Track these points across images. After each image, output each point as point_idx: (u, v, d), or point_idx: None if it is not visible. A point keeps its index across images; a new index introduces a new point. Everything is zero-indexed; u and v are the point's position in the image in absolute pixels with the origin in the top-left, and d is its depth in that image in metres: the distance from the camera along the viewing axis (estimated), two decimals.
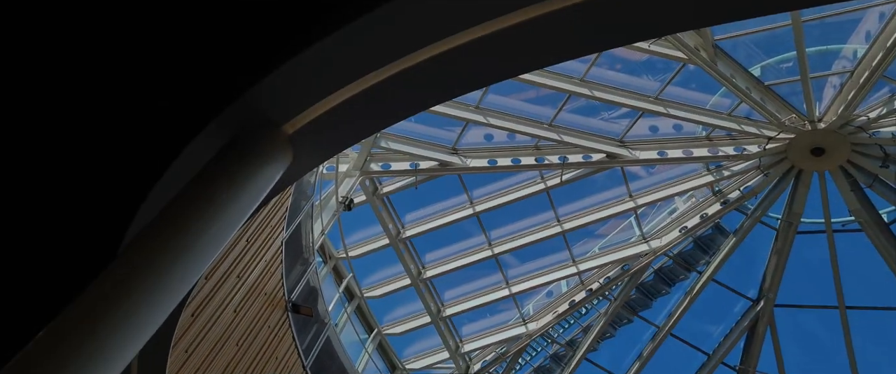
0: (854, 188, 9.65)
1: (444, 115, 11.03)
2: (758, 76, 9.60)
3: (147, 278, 2.57)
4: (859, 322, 10.59)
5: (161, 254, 2.67)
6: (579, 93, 10.63)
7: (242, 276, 7.42)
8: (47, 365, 2.23)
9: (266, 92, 2.98)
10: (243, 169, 3.04)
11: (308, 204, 9.28)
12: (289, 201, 8.47)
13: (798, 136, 9.47)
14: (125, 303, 2.47)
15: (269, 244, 8.03)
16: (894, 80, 8.44)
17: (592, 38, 3.04)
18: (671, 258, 12.08)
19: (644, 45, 9.54)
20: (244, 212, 3.02)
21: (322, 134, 3.27)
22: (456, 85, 3.26)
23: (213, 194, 2.93)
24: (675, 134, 10.93)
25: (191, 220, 2.81)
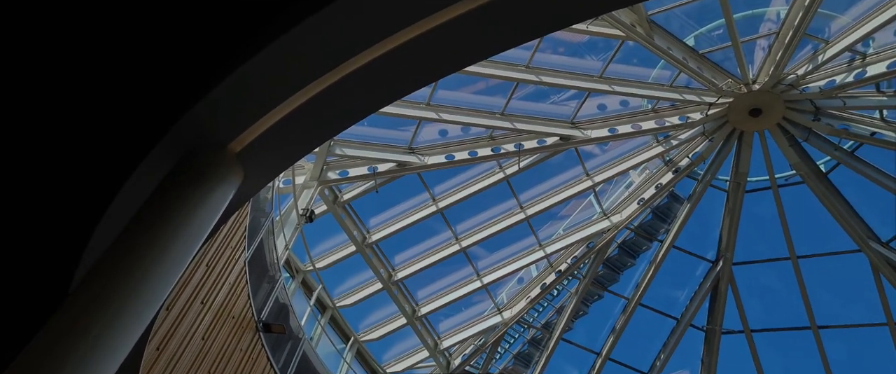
0: (792, 143, 10.13)
1: (396, 115, 11.02)
2: (692, 46, 9.97)
3: (102, 317, 2.46)
4: (810, 270, 11.16)
5: (115, 289, 2.56)
6: (526, 79, 10.79)
7: (207, 301, 7.23)
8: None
9: (206, 112, 2.92)
10: (193, 193, 2.97)
11: (267, 220, 9.11)
12: (247, 219, 8.30)
13: (736, 99, 9.88)
14: (81, 345, 2.35)
15: (231, 266, 7.84)
16: (816, 37, 8.91)
17: (527, 26, 3.08)
18: (632, 231, 12.41)
19: (583, 27, 9.76)
20: (199, 236, 2.94)
21: (271, 149, 3.24)
22: (400, 85, 3.24)
23: (163, 222, 2.84)
24: (623, 110, 11.23)
25: (143, 251, 2.72)
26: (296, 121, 3.13)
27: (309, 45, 2.83)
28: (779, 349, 12.28)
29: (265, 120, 3.10)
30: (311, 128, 3.28)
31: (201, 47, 2.94)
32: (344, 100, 3.16)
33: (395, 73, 3.10)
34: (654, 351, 13.02)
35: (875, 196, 10.51)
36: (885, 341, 10.93)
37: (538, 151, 11.60)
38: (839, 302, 11.65)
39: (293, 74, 2.94)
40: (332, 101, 3.11)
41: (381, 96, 3.30)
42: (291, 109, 3.09)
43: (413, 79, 3.26)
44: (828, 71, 9.15)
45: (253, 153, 3.19)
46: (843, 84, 8.93)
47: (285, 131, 3.17)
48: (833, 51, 8.66)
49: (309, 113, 3.11)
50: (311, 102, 3.06)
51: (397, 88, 3.28)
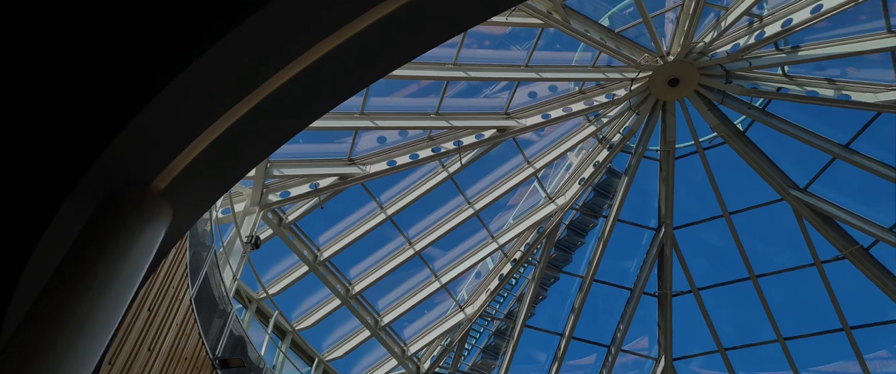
0: (710, 107, 10.78)
1: (331, 129, 10.94)
2: (608, 26, 10.45)
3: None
4: (743, 223, 11.88)
5: (46, 351, 2.39)
6: (456, 77, 10.97)
7: (154, 347, 6.90)
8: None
9: (122, 153, 2.79)
10: (118, 240, 2.83)
11: (210, 253, 8.80)
12: (186, 255, 7.97)
13: (654, 72, 10.43)
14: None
15: (176, 306, 7.51)
16: (716, 5, 9.57)
17: (446, 23, 3.10)
18: (578, 210, 12.82)
19: (502, 19, 10.04)
20: (131, 283, 2.81)
21: (197, 183, 3.13)
22: (326, 98, 3.16)
23: (89, 274, 2.67)
24: (553, 95, 11.61)
25: (71, 307, 2.55)
26: (220, 150, 3.03)
27: (224, 71, 2.72)
28: (725, 302, 12.99)
29: (187, 153, 2.99)
30: (238, 155, 3.18)
31: (110, 88, 2.80)
32: (268, 122, 3.06)
33: (319, 86, 3.04)
34: (614, 323, 13.47)
35: (789, 147, 11.34)
36: (815, 279, 11.78)
37: (478, 145, 11.80)
38: (772, 250, 12.47)
39: (211, 101, 2.84)
40: (256, 124, 3.01)
41: (307, 113, 3.22)
42: (213, 138, 2.98)
43: (338, 89, 3.21)
44: (731, 36, 9.82)
45: (178, 189, 3.08)
46: (747, 46, 9.61)
47: (210, 163, 3.06)
48: (733, 16, 9.30)
49: (232, 140, 3.01)
50: (234, 128, 2.96)
51: (323, 101, 3.20)
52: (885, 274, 11.30)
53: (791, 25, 9.03)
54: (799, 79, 9.98)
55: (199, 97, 2.80)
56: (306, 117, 3.25)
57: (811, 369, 13.40)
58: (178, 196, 3.10)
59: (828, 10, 8.58)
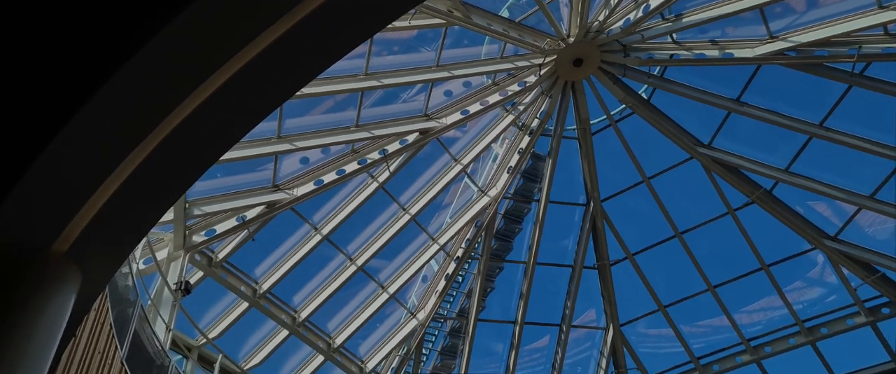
0: (615, 81, 11.44)
1: (249, 158, 10.59)
2: (508, 17, 10.85)
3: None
4: (662, 185, 12.68)
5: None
6: (370, 86, 10.96)
7: None
8: None
9: (13, 218, 2.55)
10: (26, 308, 2.60)
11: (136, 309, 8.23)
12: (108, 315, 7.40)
13: (558, 55, 10.92)
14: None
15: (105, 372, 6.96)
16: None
17: (347, 36, 3.07)
18: (511, 199, 13.14)
19: (405, 23, 10.16)
20: (45, 353, 2.56)
21: (102, 240, 2.89)
22: (229, 129, 2.97)
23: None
24: (468, 91, 11.87)
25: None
26: (122, 202, 2.81)
27: (112, 118, 2.51)
28: (658, 262, 13.75)
29: (86, 210, 2.75)
30: (143, 204, 2.96)
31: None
32: (170, 164, 2.86)
33: (220, 118, 2.87)
34: (561, 301, 13.90)
35: (689, 108, 12.22)
36: (731, 226, 12.75)
37: (403, 151, 11.84)
38: (691, 205, 13.35)
39: (103, 152, 2.61)
40: (158, 169, 2.80)
41: (212, 149, 3.02)
42: (113, 190, 2.76)
43: (242, 120, 3.02)
44: (622, 12, 10.48)
45: (83, 249, 2.85)
46: (637, 20, 10.30)
47: (113, 217, 2.84)
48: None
49: (134, 190, 2.79)
50: (134, 176, 2.75)
51: (226, 135, 3.01)
52: (788, 211, 12.41)
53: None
54: (687, 44, 10.80)
55: (89, 150, 2.59)
56: (212, 153, 3.08)
57: (741, 310, 14.44)
58: (83, 257, 2.88)
59: None
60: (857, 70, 10.29)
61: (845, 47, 10.03)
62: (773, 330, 13.85)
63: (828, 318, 13.32)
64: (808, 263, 13.53)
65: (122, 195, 2.80)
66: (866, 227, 12.90)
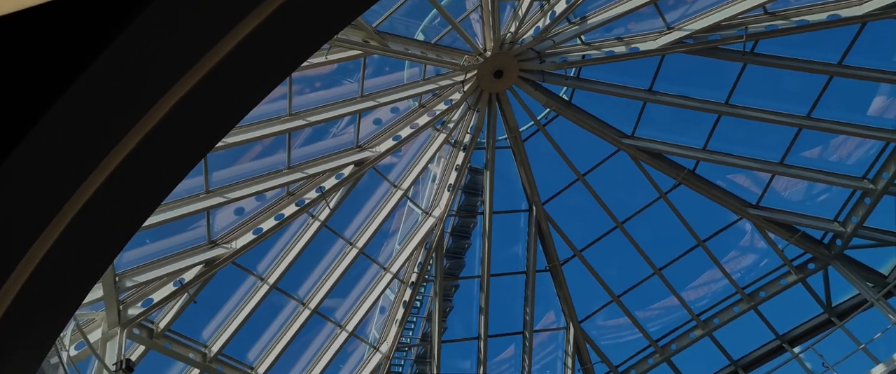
0: (537, 88, 11.88)
1: (179, 218, 10.13)
2: (424, 39, 11.08)
3: None
4: (598, 179, 13.21)
5: None
6: (297, 126, 10.82)
7: None
8: None
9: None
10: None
11: None
12: None
13: (479, 70, 11.24)
14: None
15: None
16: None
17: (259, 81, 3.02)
18: (455, 216, 13.24)
19: (322, 58, 10.16)
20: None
21: (20, 332, 2.67)
22: (142, 202, 2.80)
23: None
24: (397, 116, 11.95)
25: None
26: (36, 290, 2.59)
27: (13, 204, 2.38)
28: (606, 255, 14.21)
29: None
30: (59, 290, 2.73)
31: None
32: (82, 243, 2.67)
33: (132, 187, 2.71)
34: (520, 309, 14.03)
35: (609, 103, 12.87)
36: (665, 209, 13.41)
37: (340, 185, 11.70)
38: (626, 195, 13.95)
39: (5, 241, 2.44)
40: (71, 250, 2.60)
41: (125, 223, 2.82)
42: (24, 279, 2.55)
43: (156, 185, 2.87)
44: (531, 21, 10.97)
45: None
46: (546, 27, 10.80)
47: (28, 308, 2.61)
48: (526, 4, 10.42)
49: (47, 276, 2.58)
50: (45, 261, 2.55)
51: (138, 207, 2.84)
52: (713, 187, 13.22)
53: (573, 1, 10.35)
54: (596, 43, 11.43)
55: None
56: (127, 227, 2.88)
57: (687, 287, 15.13)
58: (1, 352, 2.66)
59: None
60: (748, 49, 11.24)
61: (734, 30, 10.95)
62: (719, 301, 14.59)
63: (764, 281, 14.19)
64: (737, 233, 14.41)
65: (36, 283, 2.60)
66: (782, 191, 13.93)
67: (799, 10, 10.88)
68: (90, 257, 2.84)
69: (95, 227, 2.72)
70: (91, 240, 2.76)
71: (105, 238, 2.84)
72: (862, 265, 13.58)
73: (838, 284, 13.84)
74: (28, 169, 2.34)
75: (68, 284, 2.84)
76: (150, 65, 2.48)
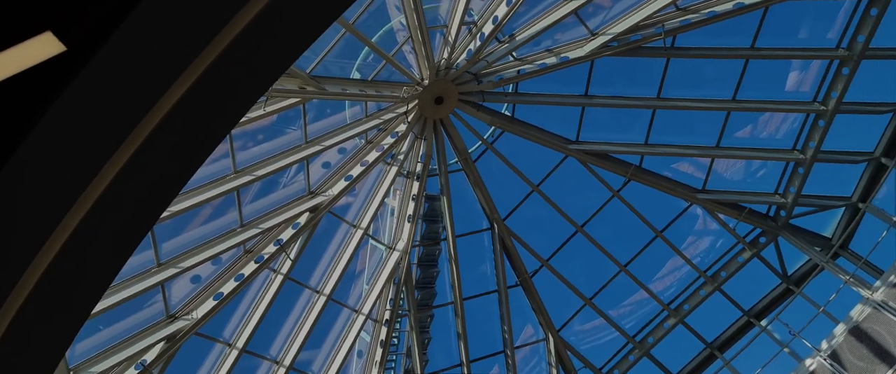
0: (478, 108, 12.11)
1: (131, 297, 9.67)
2: (360, 77, 11.16)
3: None
4: (552, 188, 13.47)
5: None
6: (244, 183, 10.60)
7: None
8: None
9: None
10: None
11: None
12: None
13: (419, 99, 11.38)
14: None
15: None
16: (437, 26, 10.91)
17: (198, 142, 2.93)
18: (419, 246, 13.17)
19: (261, 111, 10.05)
20: None
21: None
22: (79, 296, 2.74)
23: None
24: (345, 156, 11.89)
25: None
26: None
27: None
28: (573, 259, 14.43)
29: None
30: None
31: None
32: (28, 343, 2.54)
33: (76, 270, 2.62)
34: (498, 328, 14.00)
35: (550, 112, 13.23)
36: (620, 206, 13.81)
37: (298, 234, 11.49)
38: (581, 199, 14.28)
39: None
40: (19, 346, 2.49)
41: (72, 313, 2.71)
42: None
43: (102, 270, 2.79)
44: (462, 45, 11.23)
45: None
46: (477, 49, 11.08)
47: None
48: (454, 30, 10.68)
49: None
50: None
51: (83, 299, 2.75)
52: (660, 178, 13.73)
53: (498, 21, 10.70)
54: (528, 58, 11.80)
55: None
56: (75, 318, 2.76)
57: (654, 279, 15.52)
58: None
59: (516, 0, 10.41)
60: (668, 44, 11.87)
61: (652, 28, 11.55)
62: (685, 288, 15.01)
63: (723, 261, 14.74)
64: (690, 218, 14.96)
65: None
66: (724, 172, 14.61)
67: (707, 2, 11.62)
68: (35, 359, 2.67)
69: (38, 323, 2.57)
70: (34, 340, 2.60)
71: (49, 335, 2.68)
72: (808, 232, 14.33)
73: (790, 253, 14.54)
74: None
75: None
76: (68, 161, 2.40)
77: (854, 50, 11.88)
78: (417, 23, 10.04)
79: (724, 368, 14.56)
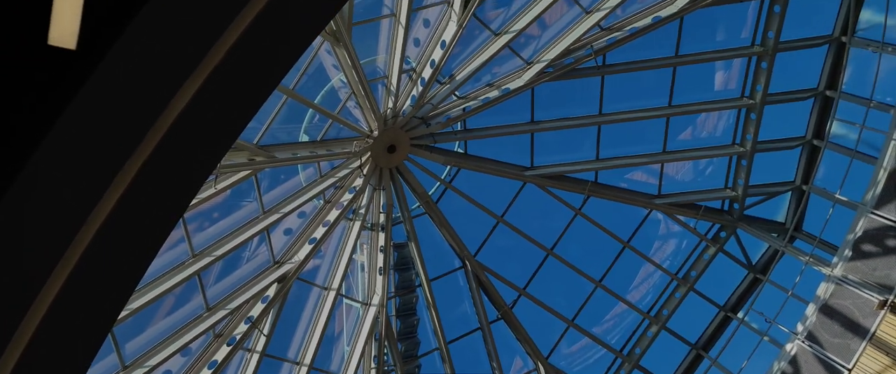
0: (431, 150, 12.22)
1: None
2: (309, 139, 11.13)
3: None
4: (516, 217, 13.58)
5: None
6: (205, 265, 10.26)
7: None
8: None
9: None
10: None
11: None
12: None
13: (372, 150, 11.41)
14: None
15: None
16: (377, 78, 11.08)
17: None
18: (395, 296, 12.94)
19: (212, 190, 9.84)
20: None
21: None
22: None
23: None
24: (305, 220, 11.70)
25: None
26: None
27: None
28: (549, 283, 14.46)
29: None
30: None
31: None
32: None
33: None
34: (487, 365, 13.75)
35: (502, 144, 13.49)
36: (585, 224, 14.05)
37: (269, 308, 11.13)
38: (546, 222, 14.46)
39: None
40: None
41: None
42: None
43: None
44: (405, 93, 11.41)
45: None
46: (420, 94, 11.29)
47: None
48: (395, 79, 10.87)
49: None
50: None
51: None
52: (617, 190, 14.10)
53: (436, 64, 10.98)
54: (471, 95, 12.09)
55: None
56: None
57: (630, 290, 15.72)
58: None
59: (449, 42, 10.73)
60: (600, 63, 12.42)
61: (582, 50, 12.09)
62: (660, 293, 15.26)
63: (691, 261, 15.10)
64: (653, 224, 15.35)
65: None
66: (675, 175, 15.16)
67: (628, 19, 12.29)
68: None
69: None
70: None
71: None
72: (763, 220, 14.92)
73: (750, 243, 15.05)
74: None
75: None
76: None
77: (767, 45, 12.74)
78: (358, 78, 10.17)
79: (713, 366, 14.71)
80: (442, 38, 10.87)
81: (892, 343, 11.57)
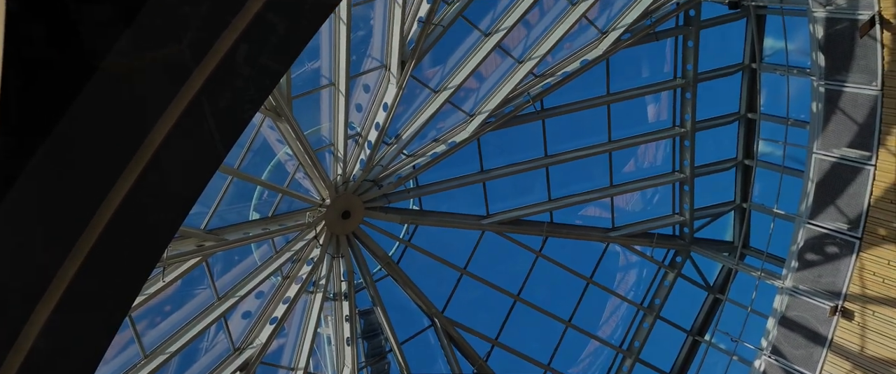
0: (387, 211, 12.16)
1: None
2: (260, 216, 10.86)
3: None
4: (479, 267, 13.54)
5: None
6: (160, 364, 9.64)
7: None
8: None
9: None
10: None
11: None
12: None
13: (326, 219, 11.23)
14: None
15: None
16: (323, 147, 11.07)
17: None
18: (366, 365, 12.45)
19: (160, 284, 9.39)
20: None
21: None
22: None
23: None
24: (264, 300, 11.26)
25: None
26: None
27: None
28: (519, 330, 14.32)
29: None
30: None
31: None
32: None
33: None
34: None
35: (456, 195, 13.57)
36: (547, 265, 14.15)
37: None
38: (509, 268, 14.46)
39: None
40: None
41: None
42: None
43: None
44: (353, 158, 11.41)
45: None
46: (368, 157, 11.31)
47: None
48: (341, 146, 10.88)
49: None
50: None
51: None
52: (573, 227, 14.36)
53: (381, 126, 11.08)
54: (419, 151, 12.21)
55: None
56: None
57: (600, 326, 15.77)
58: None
59: (391, 104, 10.91)
60: (539, 108, 12.89)
61: (520, 97, 12.54)
62: (629, 325, 15.37)
63: (653, 290, 15.38)
64: (612, 257, 15.62)
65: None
66: (625, 207, 15.61)
67: (558, 65, 12.90)
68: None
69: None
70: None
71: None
72: (713, 240, 15.46)
73: (705, 264, 15.52)
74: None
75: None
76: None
77: (688, 77, 13.62)
78: (303, 148, 10.12)
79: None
80: (383, 101, 11.04)
81: (850, 349, 11.95)
